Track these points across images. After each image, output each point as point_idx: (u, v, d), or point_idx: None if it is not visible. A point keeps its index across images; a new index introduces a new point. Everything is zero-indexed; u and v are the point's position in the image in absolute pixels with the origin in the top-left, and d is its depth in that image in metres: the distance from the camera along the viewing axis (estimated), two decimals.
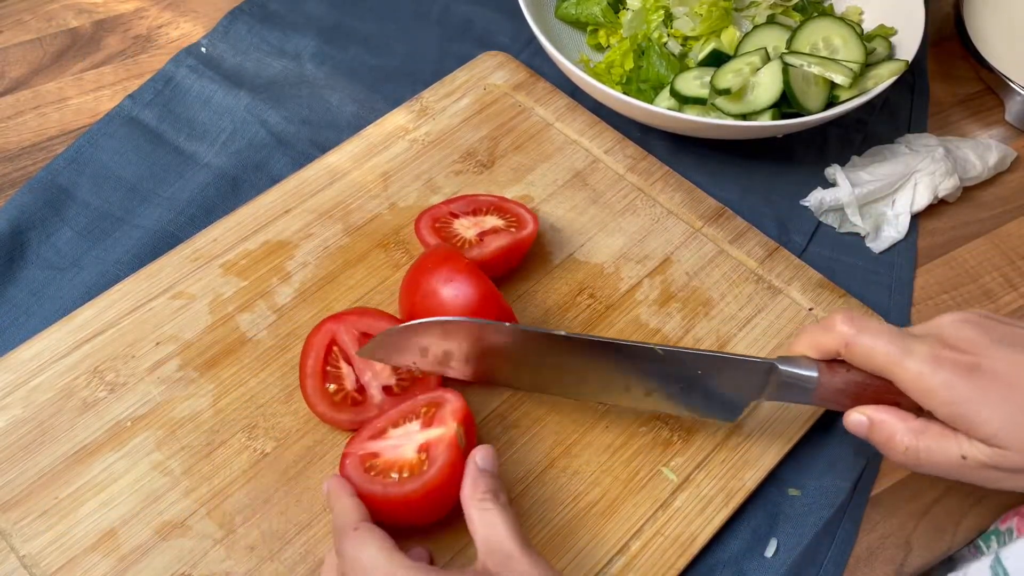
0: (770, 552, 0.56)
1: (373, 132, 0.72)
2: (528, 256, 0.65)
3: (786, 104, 0.68)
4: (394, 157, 0.71)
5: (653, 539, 0.55)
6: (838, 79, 0.68)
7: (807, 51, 0.71)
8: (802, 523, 0.57)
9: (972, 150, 0.74)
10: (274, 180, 0.70)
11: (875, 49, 0.73)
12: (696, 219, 0.69)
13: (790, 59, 0.69)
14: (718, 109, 0.69)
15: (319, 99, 0.76)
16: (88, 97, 0.76)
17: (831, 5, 0.79)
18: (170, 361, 0.60)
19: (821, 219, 0.72)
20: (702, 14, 0.72)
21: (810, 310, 0.64)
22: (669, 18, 0.74)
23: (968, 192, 0.75)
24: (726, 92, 0.68)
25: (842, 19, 0.72)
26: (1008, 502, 0.58)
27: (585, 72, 0.72)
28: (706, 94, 0.70)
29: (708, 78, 0.70)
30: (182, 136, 0.73)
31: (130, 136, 0.73)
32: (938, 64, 0.84)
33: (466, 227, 0.63)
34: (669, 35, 0.74)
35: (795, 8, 0.75)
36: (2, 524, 0.53)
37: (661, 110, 0.67)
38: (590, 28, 0.79)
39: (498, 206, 0.65)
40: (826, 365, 0.50)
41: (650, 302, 0.65)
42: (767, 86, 0.68)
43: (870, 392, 0.49)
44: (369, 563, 0.45)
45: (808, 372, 0.50)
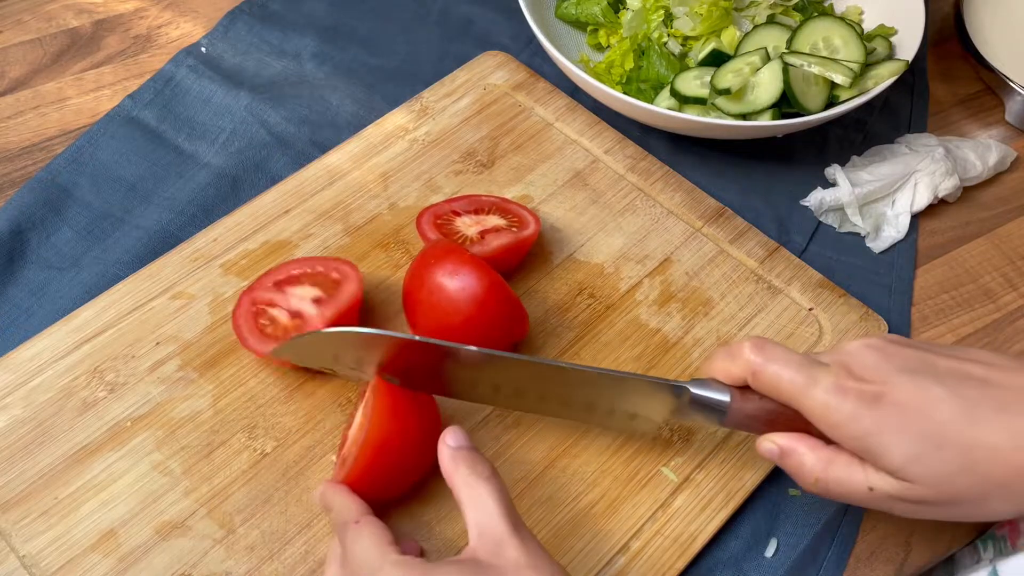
0: (770, 552, 0.56)
1: (373, 132, 0.72)
2: (528, 256, 0.65)
3: (786, 104, 0.68)
4: (394, 157, 0.71)
5: (653, 539, 0.55)
6: (838, 79, 0.68)
7: (807, 51, 0.71)
8: (802, 523, 0.57)
9: (972, 150, 0.74)
10: (274, 180, 0.70)
11: (875, 49, 0.73)
12: (696, 219, 0.69)
13: (790, 59, 0.69)
14: (718, 109, 0.70)
15: (319, 99, 0.76)
16: (88, 97, 0.76)
17: (831, 5, 0.80)
18: (170, 361, 0.60)
19: (821, 219, 0.72)
20: (702, 14, 0.72)
21: (810, 310, 0.64)
22: (669, 18, 0.74)
23: (968, 192, 0.75)
24: (726, 92, 0.68)
25: (842, 19, 0.72)
26: None
27: (585, 72, 0.72)
28: (706, 94, 0.70)
29: (708, 78, 0.70)
30: (182, 136, 0.73)
31: (130, 136, 0.73)
32: (938, 64, 0.84)
33: (468, 225, 0.63)
34: (669, 35, 0.74)
35: (795, 8, 0.75)
36: (2, 524, 0.53)
37: (661, 110, 0.67)
38: (590, 28, 0.79)
39: (500, 206, 0.65)
40: (739, 390, 0.49)
41: (650, 302, 0.65)
42: (767, 86, 0.68)
43: (782, 419, 0.48)
44: (362, 555, 0.45)
45: (720, 396, 0.49)
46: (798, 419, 0.47)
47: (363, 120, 0.74)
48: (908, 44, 0.73)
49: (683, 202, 0.70)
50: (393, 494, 0.54)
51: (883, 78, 0.70)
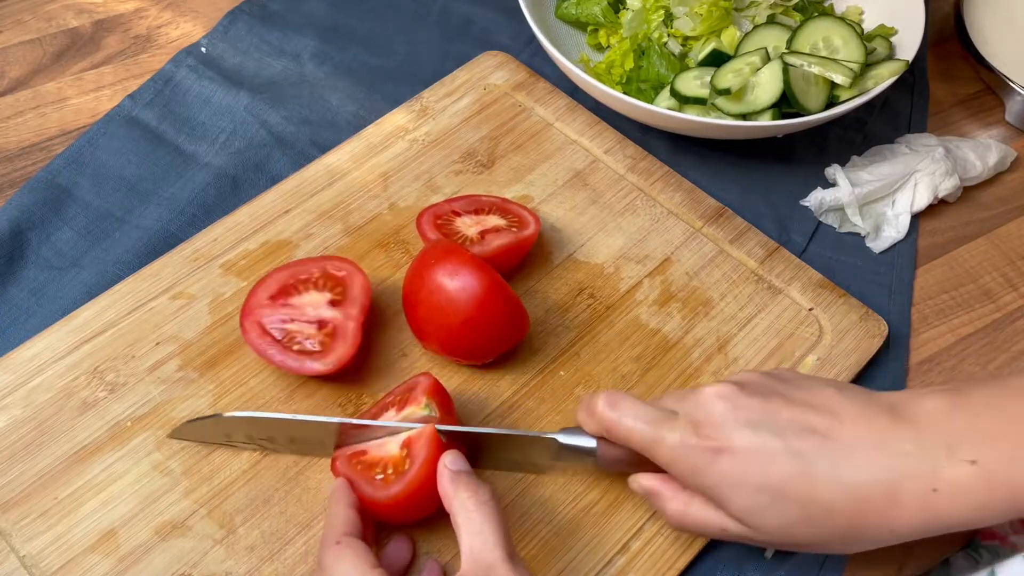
0: (770, 552, 0.56)
1: (373, 132, 0.72)
2: (528, 256, 0.65)
3: (786, 104, 0.68)
4: (394, 157, 0.71)
5: (653, 539, 0.55)
6: (838, 79, 0.68)
7: (807, 51, 0.71)
8: None
9: (972, 150, 0.74)
10: (274, 180, 0.70)
11: (875, 49, 0.73)
12: (696, 219, 0.69)
13: (790, 59, 0.69)
14: (718, 109, 0.70)
15: (319, 99, 0.76)
16: (88, 97, 0.76)
17: (831, 5, 0.79)
18: (170, 361, 0.60)
19: (821, 219, 0.72)
20: (702, 14, 0.72)
21: (810, 310, 0.64)
22: (669, 18, 0.74)
23: (968, 192, 0.75)
24: (726, 92, 0.68)
25: (842, 19, 0.72)
26: None
27: (585, 72, 0.72)
28: (706, 94, 0.70)
29: (708, 78, 0.70)
30: (182, 136, 0.73)
31: (130, 136, 0.73)
32: (938, 64, 0.84)
33: (468, 225, 0.63)
34: (669, 35, 0.74)
35: (795, 8, 0.75)
36: (2, 524, 0.53)
37: (661, 110, 0.67)
38: (590, 28, 0.79)
39: (500, 206, 0.65)
40: (604, 439, 0.52)
41: (650, 302, 0.65)
42: (767, 86, 0.68)
43: (647, 462, 0.50)
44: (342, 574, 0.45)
45: (587, 443, 0.52)
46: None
47: (363, 120, 0.74)
48: (908, 44, 0.73)
49: (683, 202, 0.70)
50: (430, 511, 0.53)
51: (883, 78, 0.70)
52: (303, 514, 0.54)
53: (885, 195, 0.72)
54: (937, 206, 0.73)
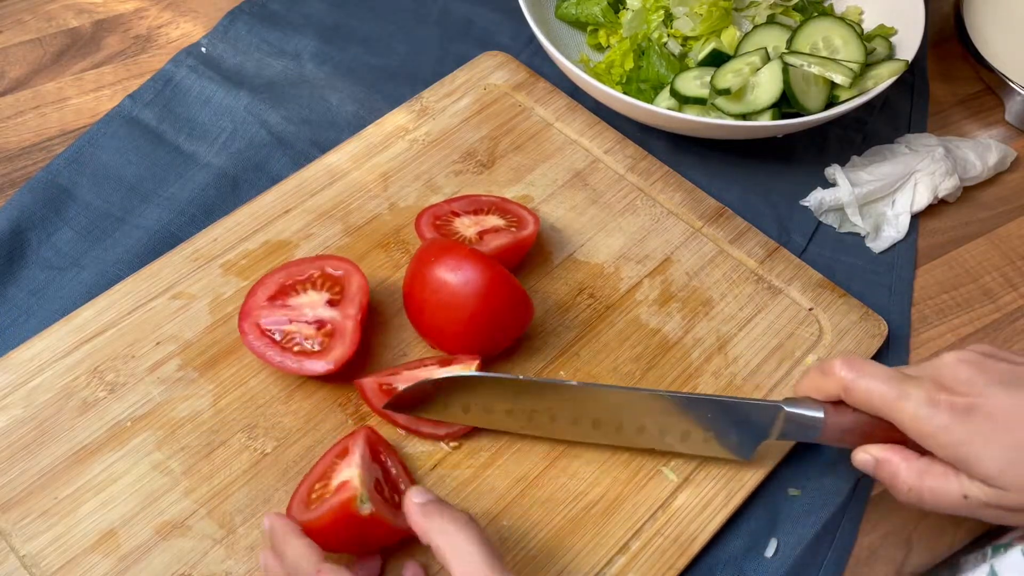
0: (770, 552, 0.56)
1: (373, 132, 0.72)
2: (528, 256, 0.65)
3: (786, 104, 0.68)
4: (394, 157, 0.71)
5: (653, 539, 0.55)
6: (838, 79, 0.68)
7: (807, 51, 0.71)
8: (802, 523, 0.57)
9: (972, 150, 0.74)
10: (274, 180, 0.70)
11: (875, 49, 0.73)
12: (696, 219, 0.69)
13: (790, 59, 0.69)
14: (718, 109, 0.70)
15: (319, 99, 0.76)
16: (88, 97, 0.76)
17: (831, 5, 0.79)
18: (170, 361, 0.60)
19: (821, 219, 0.72)
20: (702, 14, 0.72)
21: (810, 310, 0.64)
22: (669, 18, 0.74)
23: (968, 192, 0.75)
24: (726, 92, 0.68)
25: (842, 19, 0.72)
26: None
27: (585, 72, 0.72)
28: (706, 94, 0.70)
29: (708, 78, 0.70)
30: (182, 136, 0.73)
31: (130, 136, 0.73)
32: (938, 64, 0.84)
33: (467, 225, 0.63)
34: (669, 35, 0.74)
35: (795, 8, 0.75)
36: (2, 524, 0.53)
37: (661, 110, 0.67)
38: (590, 28, 0.79)
39: (499, 206, 0.65)
40: (832, 406, 0.51)
41: (650, 302, 0.65)
42: (767, 86, 0.68)
43: (876, 431, 0.50)
44: None
45: (814, 413, 0.51)
46: (892, 431, 0.49)
47: (363, 120, 0.74)
48: (908, 44, 0.73)
49: (683, 202, 0.70)
50: (356, 552, 0.52)
51: (883, 78, 0.70)
52: None
53: (885, 195, 0.72)
54: (937, 206, 0.73)
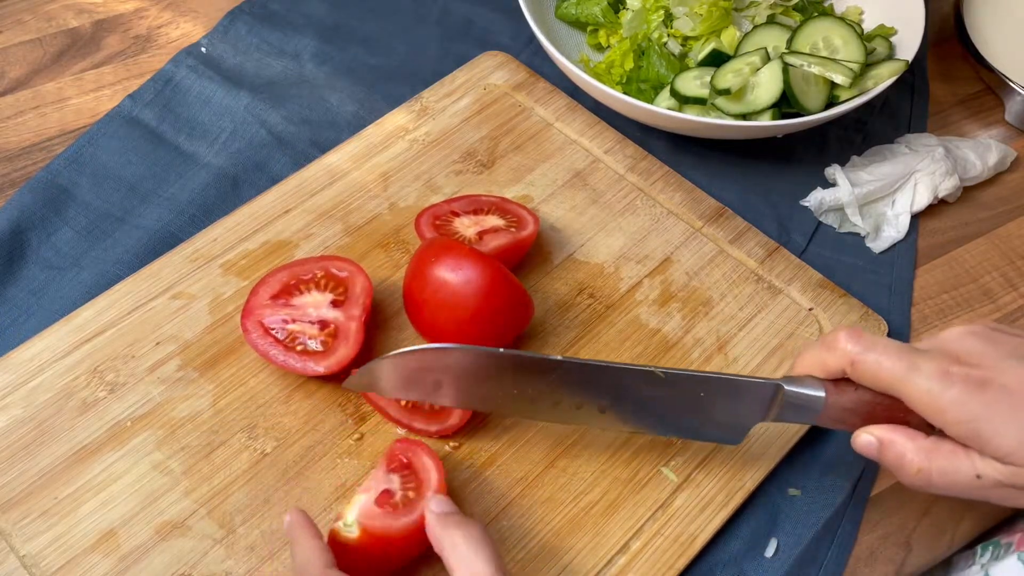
0: (770, 552, 0.56)
1: (373, 132, 0.72)
2: (528, 256, 0.65)
3: (786, 104, 0.68)
4: (394, 157, 0.71)
5: (653, 539, 0.55)
6: (838, 79, 0.68)
7: (807, 51, 0.71)
8: (802, 523, 0.57)
9: (972, 150, 0.74)
10: (274, 180, 0.70)
11: (875, 49, 0.73)
12: (696, 219, 0.69)
13: (790, 59, 0.69)
14: (718, 109, 0.70)
15: (319, 99, 0.76)
16: (88, 97, 0.76)
17: (831, 5, 0.79)
18: (170, 361, 0.60)
19: (821, 219, 0.72)
20: (702, 14, 0.72)
21: (810, 310, 0.64)
22: (669, 18, 0.74)
23: (968, 192, 0.75)
24: (726, 92, 0.68)
25: (842, 19, 0.72)
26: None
27: (585, 72, 0.72)
28: (706, 94, 0.70)
29: (708, 78, 0.70)
30: (182, 136, 0.73)
31: (130, 136, 0.73)
32: (938, 64, 0.84)
33: (466, 225, 0.63)
34: (669, 35, 0.74)
35: (795, 8, 0.75)
36: (2, 524, 0.53)
37: (661, 110, 0.67)
38: (590, 28, 0.79)
39: (499, 206, 0.65)
40: (833, 384, 0.48)
41: (650, 302, 0.65)
42: (767, 86, 0.68)
43: (879, 411, 0.47)
44: None
45: (815, 392, 0.48)
46: (896, 410, 0.47)
47: (363, 120, 0.74)
48: (908, 44, 0.73)
49: (683, 202, 0.70)
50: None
51: (883, 78, 0.70)
52: None
53: (885, 195, 0.72)
54: (937, 206, 0.73)
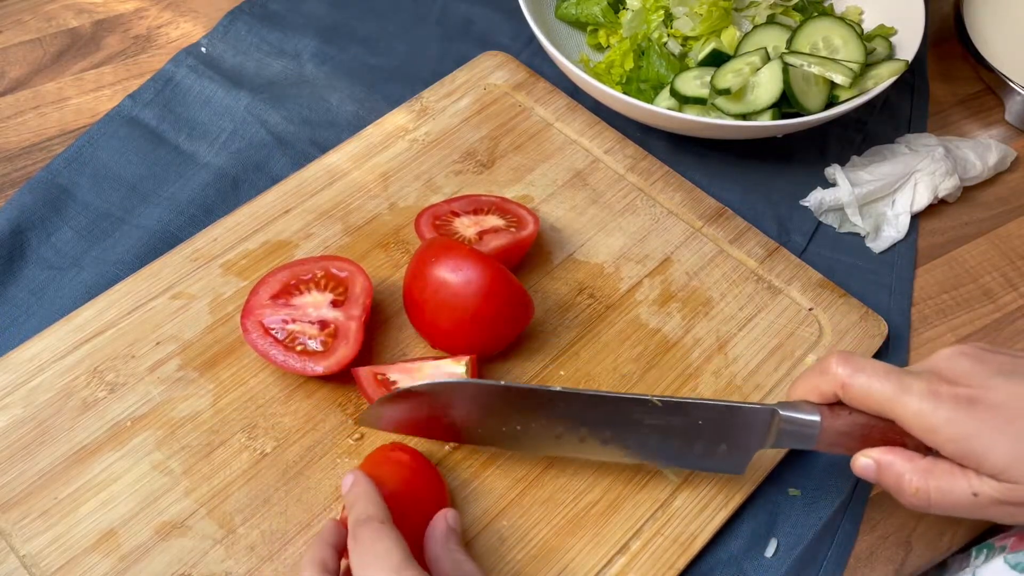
0: (770, 552, 0.56)
1: (373, 132, 0.72)
2: (528, 256, 0.65)
3: (786, 104, 0.68)
4: (394, 157, 0.71)
5: (653, 539, 0.55)
6: (838, 79, 0.68)
7: (807, 51, 0.71)
8: (802, 523, 0.57)
9: (972, 150, 0.74)
10: (274, 180, 0.70)
11: (875, 49, 0.73)
12: (696, 219, 0.69)
13: (790, 59, 0.69)
14: (718, 109, 0.70)
15: (319, 99, 0.76)
16: (88, 97, 0.76)
17: (831, 5, 0.79)
18: (170, 361, 0.60)
19: (821, 219, 0.72)
20: (702, 14, 0.72)
21: (810, 310, 0.64)
22: (669, 18, 0.74)
23: (968, 192, 0.75)
24: (726, 92, 0.68)
25: (842, 19, 0.72)
26: None
27: (585, 72, 0.72)
28: (706, 94, 0.70)
29: (708, 78, 0.70)
30: (182, 136, 0.73)
31: (130, 136, 0.73)
32: (938, 64, 0.84)
33: (466, 225, 0.63)
34: (669, 35, 0.74)
35: (795, 8, 0.75)
36: (2, 524, 0.53)
37: (661, 110, 0.67)
38: (590, 28, 0.79)
39: (499, 206, 0.65)
40: (828, 408, 0.49)
41: (650, 302, 0.64)
42: (767, 86, 0.68)
43: (875, 433, 0.48)
44: (384, 553, 0.44)
45: (810, 416, 0.49)
46: (892, 432, 0.47)
47: (363, 120, 0.74)
48: (908, 44, 0.73)
49: (683, 202, 0.70)
50: None
51: (883, 78, 0.70)
52: (303, 514, 0.54)
53: (885, 195, 0.72)
54: (937, 206, 0.73)
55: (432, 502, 0.53)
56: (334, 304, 0.58)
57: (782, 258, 0.67)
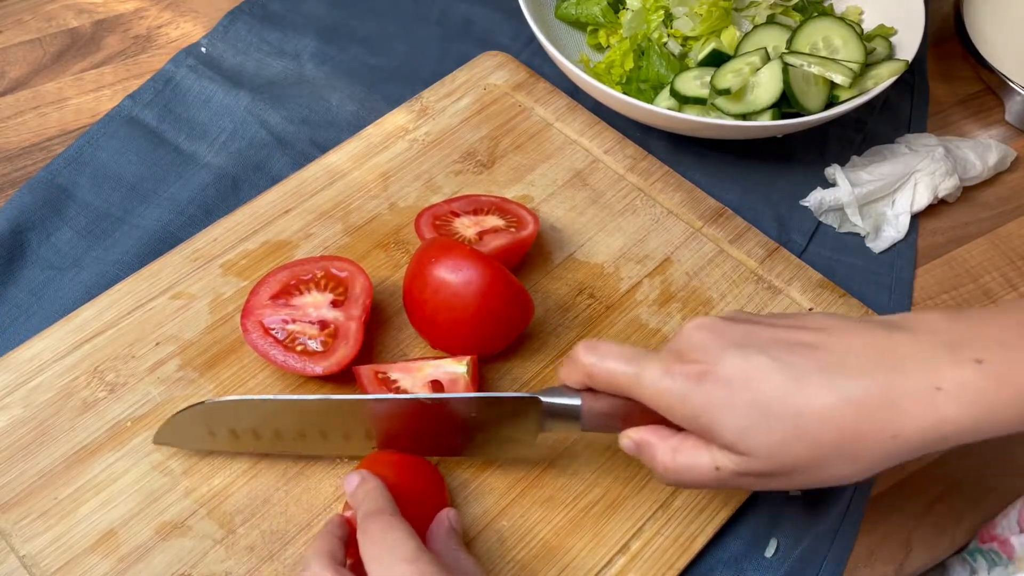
0: (770, 552, 0.56)
1: (373, 132, 0.72)
2: (528, 256, 0.65)
3: (786, 104, 0.68)
4: (394, 157, 0.71)
5: (653, 539, 0.55)
6: (838, 79, 0.68)
7: (807, 51, 0.71)
8: (802, 523, 0.57)
9: (972, 150, 0.74)
10: (274, 180, 0.70)
11: (875, 49, 0.73)
12: (696, 219, 0.69)
13: (790, 59, 0.69)
14: (718, 109, 0.70)
15: (319, 99, 0.76)
16: (88, 97, 0.76)
17: (831, 5, 0.79)
18: (170, 361, 0.60)
19: (821, 219, 0.72)
20: (702, 14, 0.72)
21: (810, 310, 0.64)
22: (669, 18, 0.74)
23: (968, 192, 0.75)
24: (726, 92, 0.68)
25: (842, 19, 0.72)
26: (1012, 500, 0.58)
27: (585, 72, 0.72)
28: (706, 94, 0.70)
29: (708, 78, 0.70)
30: (182, 136, 0.73)
31: (130, 136, 0.73)
32: (938, 64, 0.84)
33: (466, 226, 0.63)
34: (669, 35, 0.74)
35: (795, 8, 0.75)
36: (2, 524, 0.53)
37: (661, 110, 0.67)
38: (590, 28, 0.79)
39: (499, 206, 0.65)
40: (589, 392, 0.50)
41: (650, 302, 0.65)
42: (767, 86, 0.68)
43: (635, 412, 0.48)
44: (396, 544, 0.45)
45: (571, 401, 0.50)
46: (650, 412, 0.48)
47: (363, 120, 0.74)
48: (908, 44, 0.73)
49: (683, 202, 0.70)
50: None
51: (883, 78, 0.70)
52: (303, 514, 0.54)
53: (885, 195, 0.72)
54: (937, 206, 0.73)
55: (432, 501, 0.53)
56: (334, 304, 0.58)
57: (782, 258, 0.67)
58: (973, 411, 0.41)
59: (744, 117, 0.69)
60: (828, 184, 0.73)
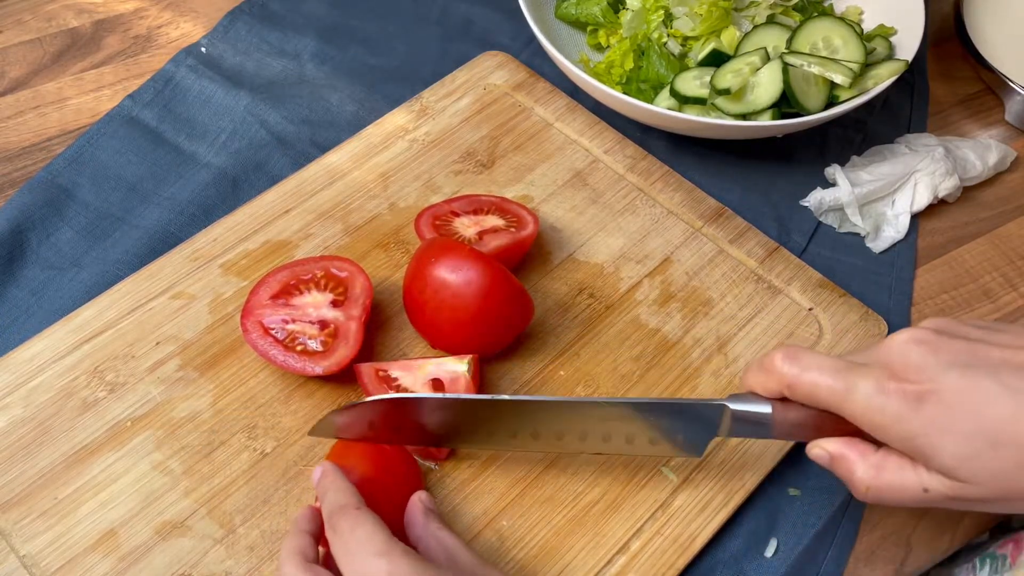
0: (770, 552, 0.56)
1: (373, 132, 0.72)
2: (528, 256, 0.65)
3: (786, 104, 0.68)
4: (394, 157, 0.71)
5: (653, 539, 0.55)
6: (838, 79, 0.68)
7: (807, 51, 0.71)
8: (802, 523, 0.57)
9: (972, 150, 0.74)
10: (274, 180, 0.70)
11: (875, 49, 0.73)
12: (696, 219, 0.69)
13: (790, 59, 0.69)
14: (718, 109, 0.70)
15: (319, 99, 0.76)
16: (88, 97, 0.76)
17: (831, 5, 0.79)
18: (170, 361, 0.60)
19: (821, 219, 0.72)
20: (702, 14, 0.72)
21: (810, 310, 0.64)
22: (669, 18, 0.74)
23: (968, 192, 0.75)
24: (726, 92, 0.68)
25: (842, 19, 0.72)
26: None
27: (585, 72, 0.72)
28: (706, 94, 0.70)
29: (708, 78, 0.70)
30: (182, 136, 0.73)
31: (130, 136, 0.73)
32: (938, 64, 0.84)
33: (466, 225, 0.63)
34: (669, 35, 0.74)
35: (795, 8, 0.75)
36: (2, 524, 0.53)
37: (661, 110, 0.67)
38: (590, 28, 0.79)
39: (499, 206, 0.65)
40: (780, 401, 0.48)
41: (650, 302, 0.65)
42: (767, 86, 0.68)
43: (828, 423, 0.47)
44: (366, 538, 0.44)
45: (761, 409, 0.48)
46: (845, 423, 0.46)
47: (363, 120, 0.74)
48: (908, 44, 0.73)
49: (683, 202, 0.70)
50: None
51: (883, 78, 0.70)
52: None
53: (885, 195, 0.72)
54: (937, 206, 0.73)
55: (403, 484, 0.52)
56: (334, 304, 0.58)
57: (782, 258, 0.67)
58: None
59: (744, 117, 0.69)
60: (828, 184, 0.73)
